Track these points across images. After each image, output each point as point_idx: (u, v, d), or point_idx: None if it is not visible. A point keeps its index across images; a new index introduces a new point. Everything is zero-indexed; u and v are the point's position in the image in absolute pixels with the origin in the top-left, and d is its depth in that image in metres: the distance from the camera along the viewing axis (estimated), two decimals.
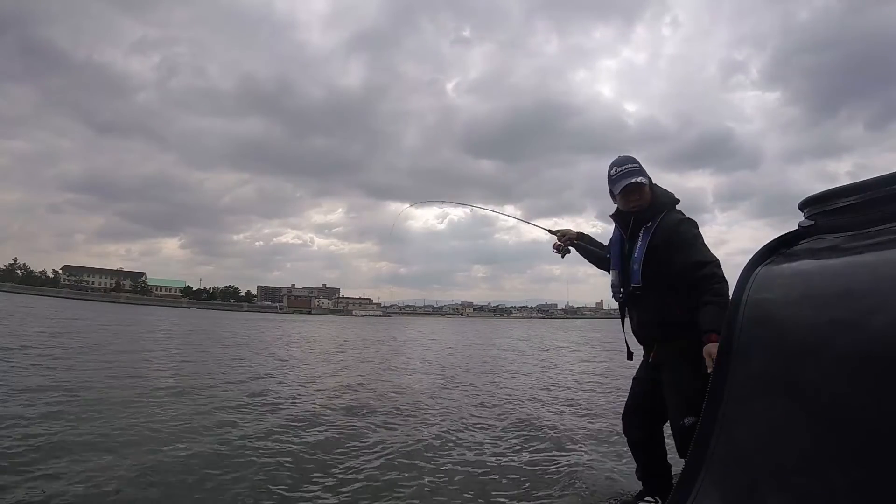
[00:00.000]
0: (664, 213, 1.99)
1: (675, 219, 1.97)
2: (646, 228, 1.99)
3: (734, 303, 0.82)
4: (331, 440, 4.06)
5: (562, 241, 2.40)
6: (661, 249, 1.92)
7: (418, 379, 8.17)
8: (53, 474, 2.82)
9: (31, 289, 78.56)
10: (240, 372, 7.91)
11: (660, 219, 1.97)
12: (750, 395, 0.76)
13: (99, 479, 2.78)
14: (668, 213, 2.00)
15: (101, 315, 26.13)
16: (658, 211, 2.00)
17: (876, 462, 0.57)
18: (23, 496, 2.51)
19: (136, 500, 2.61)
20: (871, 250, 0.67)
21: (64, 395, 5.03)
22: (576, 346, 17.55)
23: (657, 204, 2.02)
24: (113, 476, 2.85)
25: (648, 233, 1.97)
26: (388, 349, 14.82)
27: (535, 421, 4.83)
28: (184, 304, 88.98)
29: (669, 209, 2.02)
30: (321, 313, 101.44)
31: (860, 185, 0.78)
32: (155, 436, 3.81)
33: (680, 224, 1.95)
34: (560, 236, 2.41)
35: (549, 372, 9.69)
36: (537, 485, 2.99)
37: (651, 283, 1.95)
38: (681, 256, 1.87)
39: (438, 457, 3.65)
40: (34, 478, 2.76)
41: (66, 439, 3.51)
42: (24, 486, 2.63)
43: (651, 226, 1.97)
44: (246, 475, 3.04)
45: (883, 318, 0.58)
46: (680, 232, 1.92)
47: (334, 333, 23.87)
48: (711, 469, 0.78)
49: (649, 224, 1.98)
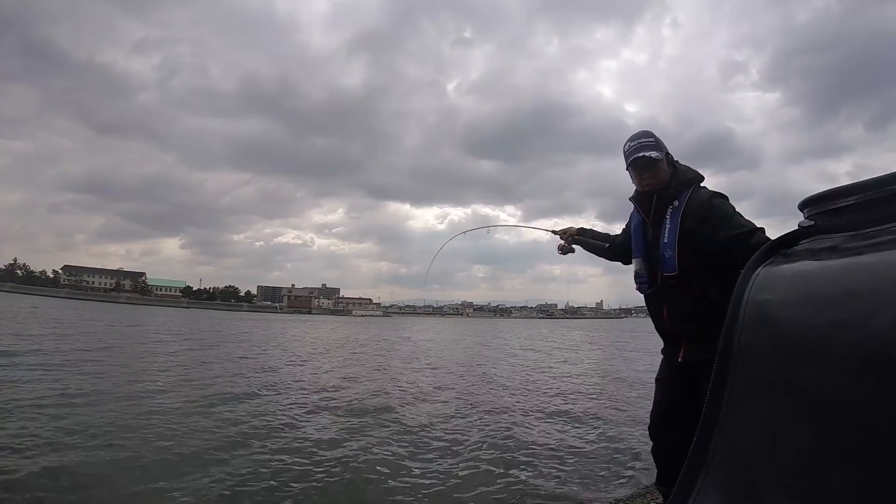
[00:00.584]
0: (691, 189, 1.78)
1: (704, 194, 1.76)
2: (673, 209, 1.77)
3: (734, 303, 0.82)
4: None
5: (565, 241, 2.33)
6: (698, 229, 1.70)
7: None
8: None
9: (31, 289, 78.48)
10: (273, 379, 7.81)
11: (687, 197, 1.76)
12: (751, 396, 0.76)
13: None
14: (695, 189, 1.79)
15: (103, 315, 26.16)
16: (683, 189, 1.79)
17: (876, 462, 0.57)
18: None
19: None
20: (871, 251, 0.66)
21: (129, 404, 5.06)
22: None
23: (681, 181, 1.81)
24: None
25: (678, 213, 1.75)
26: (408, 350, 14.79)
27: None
28: (183, 304, 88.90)
29: (696, 186, 1.81)
30: (321, 313, 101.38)
31: (860, 185, 0.78)
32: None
33: (712, 198, 1.73)
34: (562, 235, 2.34)
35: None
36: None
37: (688, 269, 1.72)
38: (725, 232, 1.64)
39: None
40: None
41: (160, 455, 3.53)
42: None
43: (678, 205, 1.76)
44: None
45: (883, 318, 0.58)
46: (714, 206, 1.71)
47: (342, 334, 23.85)
48: (712, 469, 0.78)
49: (676, 203, 1.77)
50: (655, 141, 1.85)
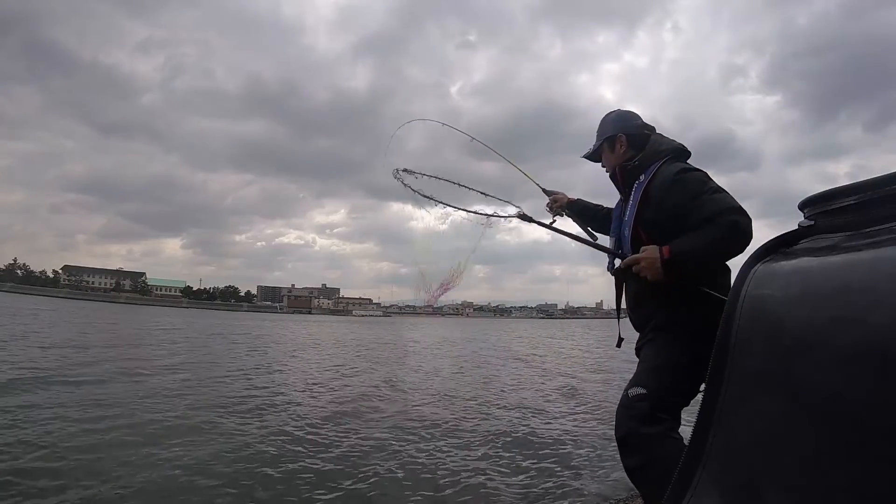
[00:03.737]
0: (662, 163, 1.60)
1: (673, 168, 1.55)
2: (637, 184, 1.62)
3: (732, 299, 0.82)
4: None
5: (553, 210, 2.11)
6: (658, 207, 1.53)
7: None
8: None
9: (31, 289, 78.47)
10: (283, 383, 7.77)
11: (654, 170, 1.59)
12: (748, 391, 0.76)
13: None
14: (665, 162, 1.60)
15: (106, 316, 26.14)
16: (652, 162, 1.61)
17: (874, 459, 0.57)
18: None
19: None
20: (870, 248, 0.67)
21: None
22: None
23: (648, 155, 1.65)
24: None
25: (640, 189, 1.60)
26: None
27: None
28: (183, 304, 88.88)
29: (669, 160, 1.61)
30: (321, 313, 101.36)
31: (860, 186, 0.78)
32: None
33: (679, 173, 1.53)
34: (552, 202, 2.12)
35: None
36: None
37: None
38: (687, 212, 1.46)
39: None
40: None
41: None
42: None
43: (643, 180, 1.60)
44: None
45: (881, 314, 0.58)
46: (678, 181, 1.51)
47: (341, 334, 23.84)
48: (709, 466, 0.78)
49: (641, 178, 1.61)
50: (601, 129, 1.81)
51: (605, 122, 1.82)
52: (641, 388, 1.45)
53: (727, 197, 1.45)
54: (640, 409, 1.42)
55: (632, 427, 1.42)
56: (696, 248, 1.43)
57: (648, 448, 1.37)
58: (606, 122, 1.81)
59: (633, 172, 1.66)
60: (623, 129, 1.74)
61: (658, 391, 1.43)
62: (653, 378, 1.47)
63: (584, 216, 2.06)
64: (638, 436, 1.40)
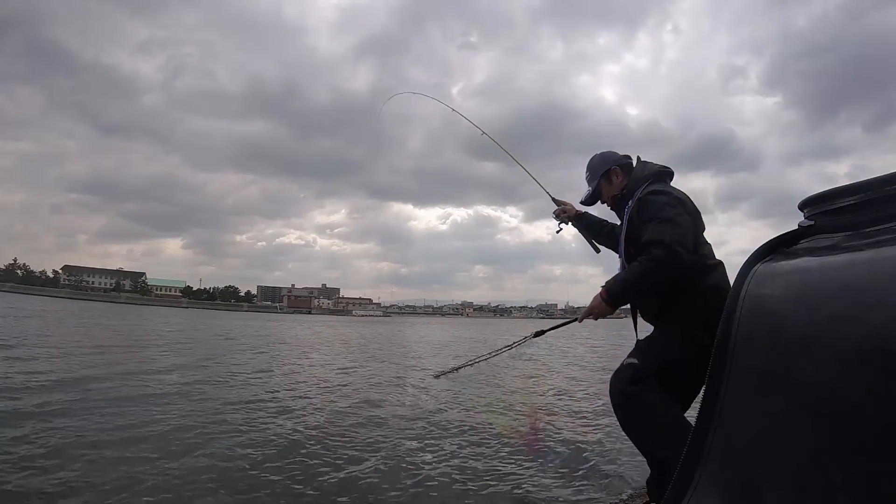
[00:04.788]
0: (643, 187, 1.83)
1: (646, 191, 1.80)
2: (627, 208, 1.86)
3: (732, 298, 0.82)
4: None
5: (562, 219, 2.29)
6: (636, 227, 1.75)
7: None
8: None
9: (31, 289, 78.47)
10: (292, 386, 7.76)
11: (637, 196, 1.82)
12: (748, 390, 0.76)
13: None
14: (645, 187, 1.82)
15: (110, 316, 26.16)
16: (636, 187, 1.85)
17: (874, 457, 0.58)
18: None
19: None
20: (870, 248, 0.67)
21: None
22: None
23: (634, 180, 1.88)
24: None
25: (627, 213, 1.85)
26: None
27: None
28: (183, 304, 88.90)
29: (649, 184, 1.84)
30: (321, 313, 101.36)
31: (859, 186, 0.79)
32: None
33: (648, 195, 1.76)
34: (561, 211, 2.29)
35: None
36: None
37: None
38: (641, 234, 1.69)
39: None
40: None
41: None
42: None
43: (630, 205, 1.84)
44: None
45: (881, 313, 0.59)
46: (643, 203, 1.75)
47: (339, 334, 23.88)
48: (708, 465, 0.79)
49: (630, 204, 1.85)
50: (589, 174, 2.04)
51: (594, 164, 2.04)
52: (634, 359, 1.75)
53: (665, 228, 1.62)
54: (628, 373, 1.72)
55: (620, 386, 1.72)
56: (627, 279, 1.73)
57: (635, 400, 1.68)
58: (595, 163, 2.04)
59: (624, 199, 1.90)
60: (613, 163, 1.98)
61: (645, 365, 1.71)
62: (645, 355, 1.76)
63: (591, 230, 2.25)
64: (623, 393, 1.70)
